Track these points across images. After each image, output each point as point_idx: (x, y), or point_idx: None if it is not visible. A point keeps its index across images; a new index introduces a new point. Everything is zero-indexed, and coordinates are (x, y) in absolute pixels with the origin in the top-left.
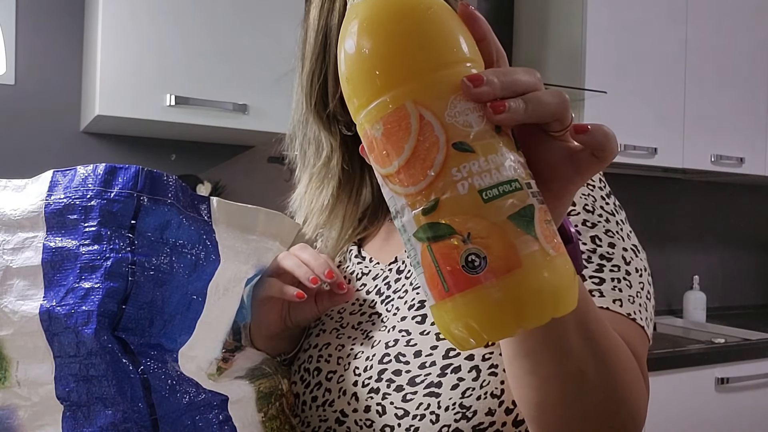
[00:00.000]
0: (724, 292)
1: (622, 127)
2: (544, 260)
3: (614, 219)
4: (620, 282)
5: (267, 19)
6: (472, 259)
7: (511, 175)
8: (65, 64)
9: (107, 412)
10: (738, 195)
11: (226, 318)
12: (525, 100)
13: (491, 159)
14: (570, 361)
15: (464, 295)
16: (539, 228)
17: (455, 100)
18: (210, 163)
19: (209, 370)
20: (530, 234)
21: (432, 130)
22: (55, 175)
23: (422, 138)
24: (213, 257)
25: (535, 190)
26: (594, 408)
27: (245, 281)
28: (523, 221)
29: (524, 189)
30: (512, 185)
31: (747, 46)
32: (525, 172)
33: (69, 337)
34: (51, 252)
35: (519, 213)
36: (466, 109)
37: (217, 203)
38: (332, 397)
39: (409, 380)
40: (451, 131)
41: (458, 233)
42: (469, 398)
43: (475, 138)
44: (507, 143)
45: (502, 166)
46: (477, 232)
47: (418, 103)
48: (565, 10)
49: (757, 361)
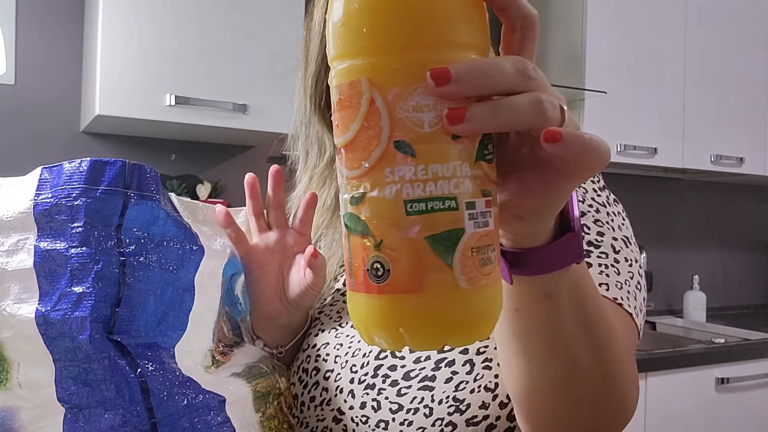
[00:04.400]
0: (724, 292)
1: (622, 127)
2: (451, 292)
3: (605, 210)
4: (608, 268)
5: (267, 19)
6: (376, 267)
7: (447, 192)
8: (65, 64)
9: (107, 415)
10: (738, 195)
11: (213, 307)
12: (494, 108)
13: (431, 168)
14: (562, 346)
15: (363, 297)
16: (460, 256)
17: (416, 91)
18: (210, 163)
19: (205, 362)
20: (445, 261)
21: (378, 119)
22: (43, 172)
23: (367, 124)
24: (196, 248)
25: (480, 211)
26: (583, 396)
27: (223, 267)
28: (441, 245)
29: (460, 210)
30: (445, 203)
31: (747, 46)
32: (474, 190)
33: (65, 342)
34: (42, 255)
35: (440, 236)
36: (424, 105)
37: (176, 199)
38: (329, 395)
39: (404, 375)
40: (397, 126)
41: (372, 236)
42: (462, 391)
43: (421, 140)
44: (462, 153)
45: (441, 180)
46: (389, 242)
47: (373, 84)
48: (565, 10)
49: (757, 361)
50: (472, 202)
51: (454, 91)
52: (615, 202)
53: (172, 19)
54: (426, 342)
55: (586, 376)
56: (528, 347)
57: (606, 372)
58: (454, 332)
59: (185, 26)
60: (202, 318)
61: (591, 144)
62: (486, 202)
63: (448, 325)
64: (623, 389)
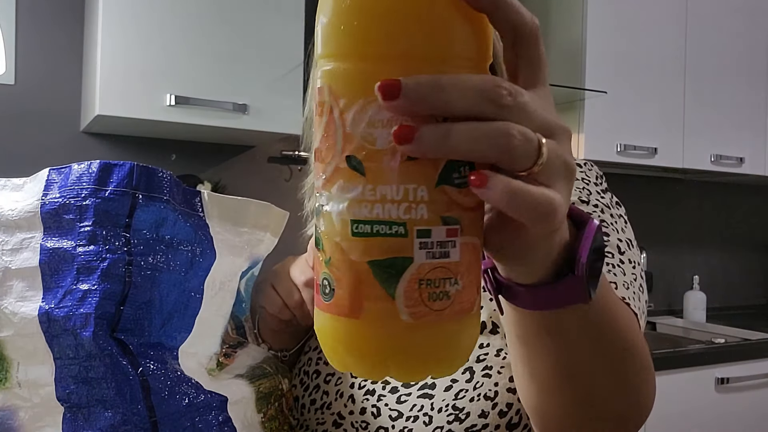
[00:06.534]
0: (724, 292)
1: (622, 127)
2: (389, 322)
3: (609, 212)
4: (614, 268)
5: (267, 19)
6: (324, 284)
7: (396, 217)
8: (65, 64)
9: (107, 414)
10: (738, 195)
11: (223, 312)
12: (446, 133)
13: (380, 189)
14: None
15: (316, 311)
16: (404, 287)
17: (368, 105)
18: (210, 163)
19: (209, 365)
20: (387, 290)
21: (334, 131)
22: (50, 174)
23: (326, 135)
24: (209, 252)
25: (438, 240)
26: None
27: (240, 275)
28: (385, 273)
29: (409, 236)
30: (392, 228)
31: (747, 46)
32: (431, 217)
33: (68, 340)
34: (48, 253)
35: (384, 262)
36: (376, 120)
37: (209, 196)
38: (330, 399)
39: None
40: (349, 141)
41: (323, 251)
42: (462, 400)
43: (372, 158)
44: (418, 175)
45: (389, 203)
46: (335, 261)
47: (332, 93)
48: (565, 10)
49: (757, 361)
50: (427, 230)
51: (401, 107)
52: (618, 205)
53: (172, 19)
54: (366, 370)
55: (605, 399)
56: (534, 375)
57: (625, 390)
58: (394, 364)
59: (185, 26)
60: (210, 322)
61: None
62: (447, 231)
63: (385, 355)
64: (641, 400)
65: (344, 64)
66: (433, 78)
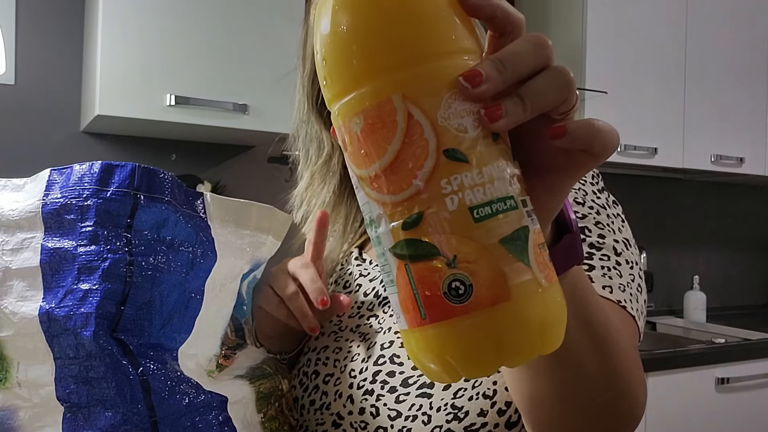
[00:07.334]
0: (724, 292)
1: (622, 127)
2: (536, 292)
3: (605, 212)
4: (610, 270)
5: (267, 19)
6: (456, 286)
7: (506, 192)
8: (65, 64)
9: (107, 413)
10: (738, 195)
11: (223, 314)
12: (522, 97)
13: (486, 171)
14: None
15: (442, 326)
16: (533, 254)
17: (450, 98)
18: (210, 163)
19: (209, 367)
20: (523, 261)
21: (422, 132)
22: (51, 174)
23: (409, 140)
24: (210, 254)
25: (530, 208)
26: (591, 401)
27: (241, 277)
28: (516, 246)
29: (519, 208)
30: (507, 203)
31: (747, 46)
32: (521, 187)
33: (68, 339)
34: (49, 253)
35: (512, 236)
36: (461, 110)
37: (211, 198)
38: (329, 400)
39: (402, 381)
40: (443, 136)
41: (443, 255)
42: (460, 399)
43: (470, 145)
44: (503, 152)
45: (497, 180)
46: (464, 255)
47: (408, 99)
48: (565, 10)
49: (757, 361)
50: (525, 200)
51: (488, 90)
52: (614, 204)
53: (172, 19)
54: (523, 353)
55: (593, 381)
56: None
57: (613, 375)
58: (548, 335)
59: (185, 26)
60: (210, 324)
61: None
62: (530, 198)
63: (543, 328)
64: (631, 390)
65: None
66: (497, 56)
